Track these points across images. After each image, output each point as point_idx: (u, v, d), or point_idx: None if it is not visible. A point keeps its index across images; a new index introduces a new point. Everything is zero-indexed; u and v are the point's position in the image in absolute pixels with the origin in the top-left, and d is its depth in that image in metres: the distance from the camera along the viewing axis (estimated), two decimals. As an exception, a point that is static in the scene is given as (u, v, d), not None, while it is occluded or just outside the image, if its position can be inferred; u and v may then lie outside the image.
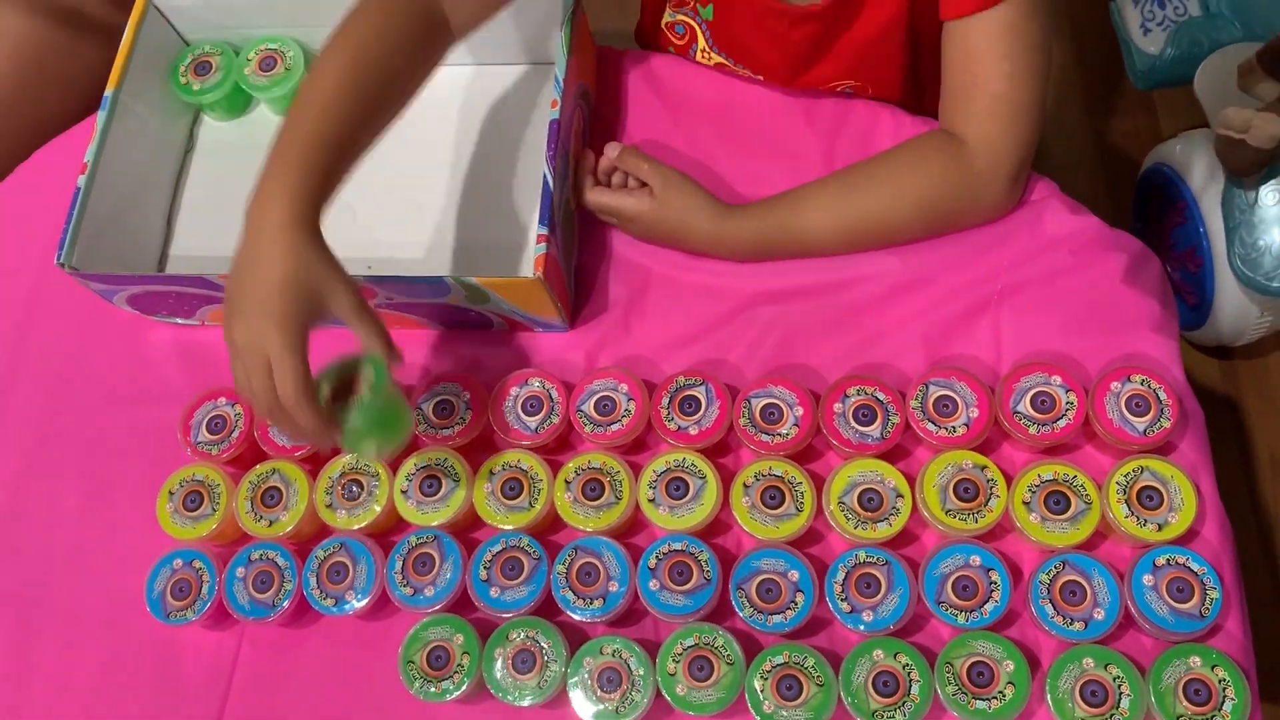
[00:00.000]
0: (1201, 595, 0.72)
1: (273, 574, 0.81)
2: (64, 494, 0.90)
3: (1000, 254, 0.86)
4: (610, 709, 0.74)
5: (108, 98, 0.89)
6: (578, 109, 0.90)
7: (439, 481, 0.81)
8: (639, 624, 0.79)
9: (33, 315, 0.97)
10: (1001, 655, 0.72)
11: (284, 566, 0.81)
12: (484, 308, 0.85)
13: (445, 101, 0.98)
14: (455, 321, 0.89)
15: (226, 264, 0.89)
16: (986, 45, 0.80)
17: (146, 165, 0.95)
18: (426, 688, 0.76)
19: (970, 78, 0.82)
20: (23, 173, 1.03)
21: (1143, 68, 1.42)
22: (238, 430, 0.85)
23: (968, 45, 0.81)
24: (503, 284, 0.80)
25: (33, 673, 0.84)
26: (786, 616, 0.74)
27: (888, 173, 0.86)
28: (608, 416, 0.82)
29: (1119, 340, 0.83)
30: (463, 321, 0.88)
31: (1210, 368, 1.45)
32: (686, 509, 0.78)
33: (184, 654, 0.83)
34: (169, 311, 0.92)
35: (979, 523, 0.75)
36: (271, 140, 0.71)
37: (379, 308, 0.86)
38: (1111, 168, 1.59)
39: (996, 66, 0.80)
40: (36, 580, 0.87)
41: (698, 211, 0.87)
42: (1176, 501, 0.75)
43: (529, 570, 0.78)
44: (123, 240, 0.91)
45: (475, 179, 0.94)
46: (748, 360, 0.86)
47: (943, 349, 0.85)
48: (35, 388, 0.94)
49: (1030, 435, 0.77)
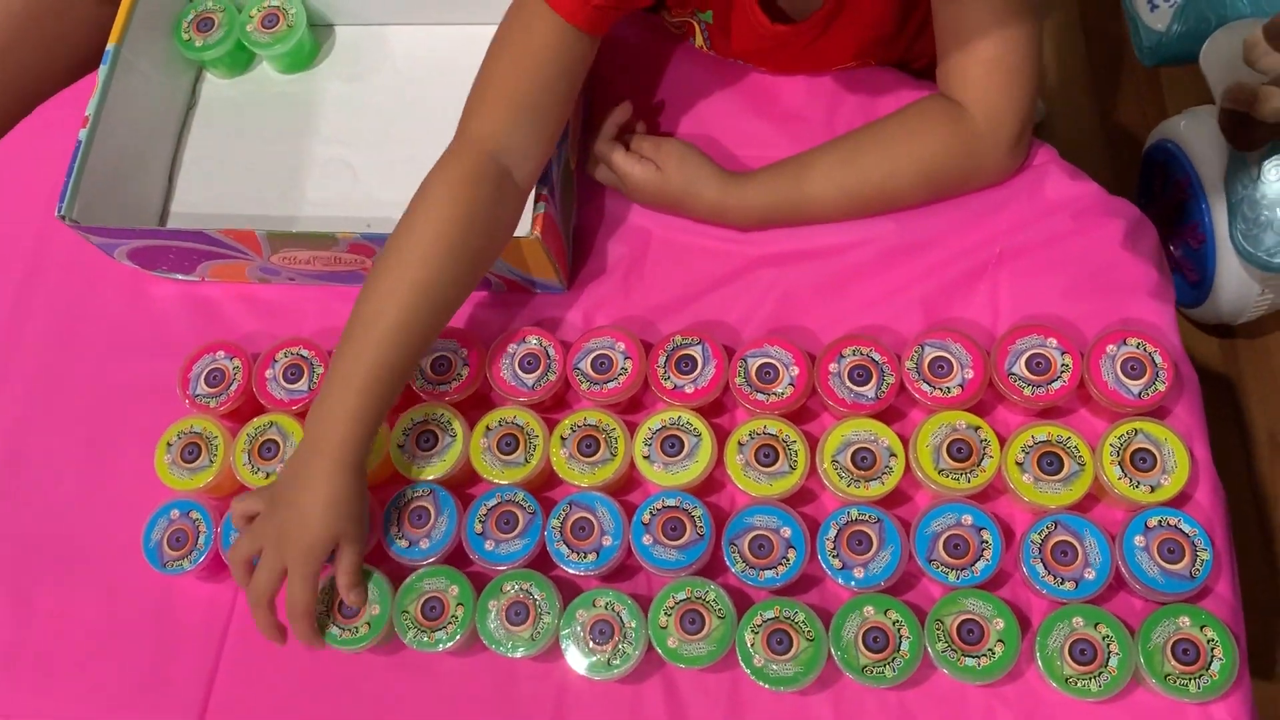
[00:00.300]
0: (1192, 556, 0.73)
1: (269, 525, 0.81)
2: (64, 444, 0.90)
3: (999, 219, 0.86)
4: (602, 660, 0.74)
5: (109, 52, 0.89)
6: None
7: (435, 436, 0.82)
8: (632, 579, 0.80)
9: (35, 269, 0.97)
10: (991, 613, 0.73)
11: (280, 518, 0.81)
12: None
13: (446, 62, 0.97)
14: None
15: (226, 220, 0.90)
16: (976, 9, 0.80)
17: (148, 121, 0.95)
18: (420, 637, 0.76)
19: (963, 44, 0.81)
20: (26, 127, 1.03)
21: (1149, 44, 1.42)
22: (236, 384, 0.86)
23: (959, 11, 0.81)
24: None
25: (30, 618, 0.85)
26: (778, 572, 0.75)
27: (891, 139, 0.86)
28: (604, 374, 0.82)
29: (1116, 305, 0.83)
30: None
31: (1210, 346, 1.45)
32: (681, 466, 0.78)
33: (180, 603, 0.84)
34: (169, 267, 0.92)
35: (972, 483, 0.76)
36: (338, 346, 0.76)
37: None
38: (1116, 145, 1.59)
39: (988, 31, 0.80)
40: (34, 528, 0.88)
41: (702, 181, 0.87)
42: (1170, 464, 0.75)
43: (524, 524, 0.79)
44: (124, 195, 0.91)
45: None
46: (745, 322, 0.87)
47: (941, 312, 0.85)
48: (37, 339, 0.95)
49: (1025, 397, 0.78)
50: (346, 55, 1.00)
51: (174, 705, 0.81)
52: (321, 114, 0.98)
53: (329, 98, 0.99)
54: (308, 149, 0.96)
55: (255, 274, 0.91)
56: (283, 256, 0.86)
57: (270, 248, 0.85)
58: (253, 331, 0.91)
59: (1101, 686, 0.70)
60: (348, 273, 0.88)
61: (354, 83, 0.99)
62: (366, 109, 0.98)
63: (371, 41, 1.00)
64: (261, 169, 0.96)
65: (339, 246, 0.83)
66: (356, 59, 1.00)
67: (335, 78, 0.99)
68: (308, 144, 0.97)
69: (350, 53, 1.00)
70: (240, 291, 0.93)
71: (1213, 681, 0.70)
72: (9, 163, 1.03)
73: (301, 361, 0.86)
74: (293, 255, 0.86)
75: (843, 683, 0.75)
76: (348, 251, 0.84)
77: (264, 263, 0.88)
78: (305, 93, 0.99)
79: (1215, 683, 0.70)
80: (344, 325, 0.76)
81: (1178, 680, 0.70)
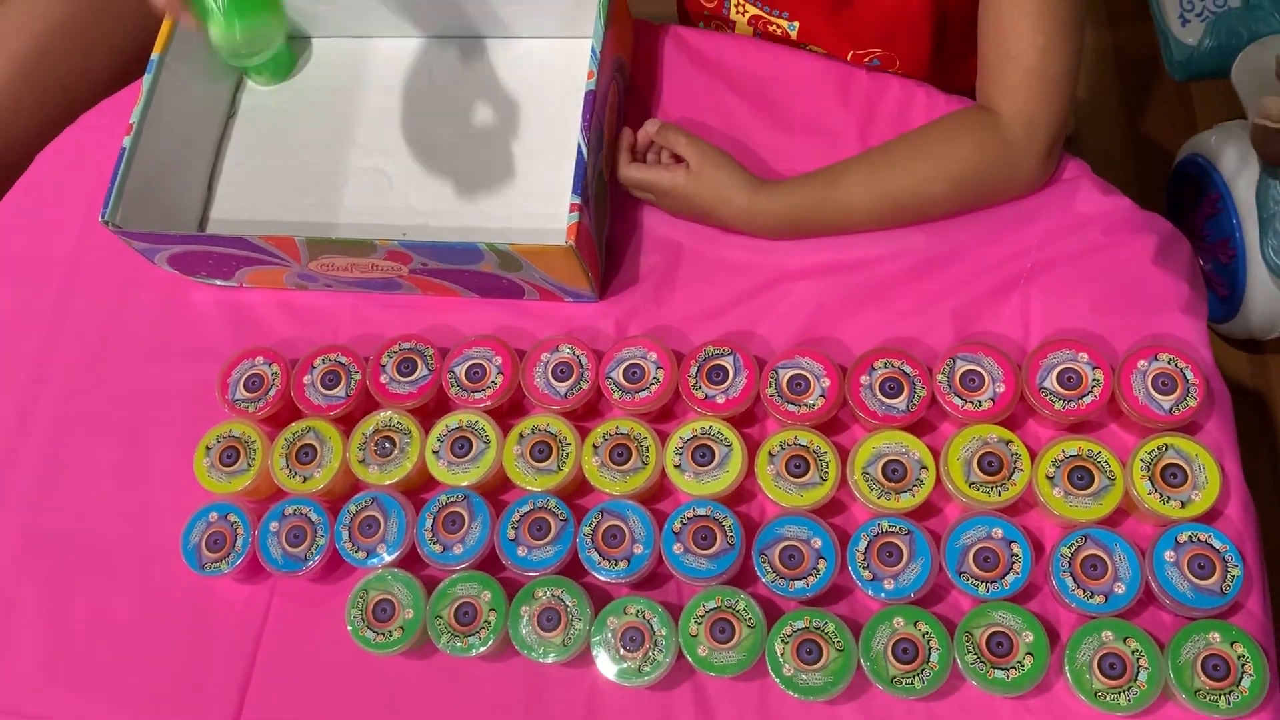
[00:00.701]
0: (1223, 572, 0.73)
1: (305, 529, 0.82)
2: (104, 446, 0.92)
3: (1031, 232, 0.87)
4: (633, 667, 0.75)
5: (154, 61, 0.91)
6: (613, 82, 0.91)
7: (470, 443, 0.83)
8: (662, 587, 0.81)
9: (76, 273, 0.99)
10: (1021, 626, 0.73)
11: (316, 522, 0.82)
12: (516, 275, 0.86)
13: (483, 74, 0.99)
14: (488, 289, 0.90)
15: (265, 227, 0.92)
16: (1020, 19, 0.80)
17: (190, 128, 0.97)
18: (453, 642, 0.77)
19: (1004, 52, 0.82)
20: (69, 133, 1.05)
21: (1180, 58, 1.42)
22: (274, 389, 0.87)
23: (1000, 20, 0.81)
24: (535, 251, 0.81)
25: (68, 620, 0.87)
26: (808, 583, 0.75)
27: (923, 148, 0.86)
28: (636, 384, 0.83)
29: (1147, 320, 0.83)
30: (495, 289, 0.90)
31: (1240, 361, 1.44)
32: (711, 475, 0.79)
33: (216, 605, 0.85)
34: (208, 273, 0.94)
35: (1002, 496, 0.76)
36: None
37: (413, 274, 0.87)
38: (1146, 159, 1.58)
39: (1030, 40, 0.81)
40: (74, 531, 0.89)
41: (733, 187, 0.87)
42: (1200, 480, 0.75)
43: (556, 531, 0.79)
44: (165, 202, 0.93)
45: (511, 149, 0.96)
46: (776, 333, 0.87)
47: (972, 325, 0.85)
48: (76, 343, 0.96)
49: (1056, 411, 0.78)
50: (384, 68, 1.01)
51: (210, 706, 0.82)
52: (359, 124, 0.99)
53: (367, 108, 1.00)
54: (345, 158, 0.98)
55: (293, 280, 0.92)
56: (320, 263, 0.88)
57: (309, 254, 0.86)
58: (289, 337, 0.93)
59: (1131, 701, 0.70)
60: (383, 280, 0.90)
61: (391, 95, 1.00)
62: (403, 120, 0.99)
63: (409, 55, 1.01)
64: (299, 177, 0.98)
65: (377, 254, 0.84)
66: (394, 72, 1.01)
67: (374, 89, 1.01)
68: (345, 153, 0.98)
69: (388, 66, 1.01)
70: (278, 298, 0.95)
71: (1243, 698, 0.70)
72: (52, 168, 1.05)
73: (339, 368, 0.87)
74: (330, 262, 0.87)
75: (871, 693, 0.75)
76: (385, 259, 0.85)
77: (302, 269, 0.89)
78: (343, 103, 1.00)
79: (1245, 699, 0.70)
80: (377, 332, 0.76)
81: (1208, 696, 0.70)
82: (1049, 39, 0.80)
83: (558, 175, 0.92)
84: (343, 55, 1.03)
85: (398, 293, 0.92)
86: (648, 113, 0.96)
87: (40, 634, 0.87)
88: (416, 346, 0.87)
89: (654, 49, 0.99)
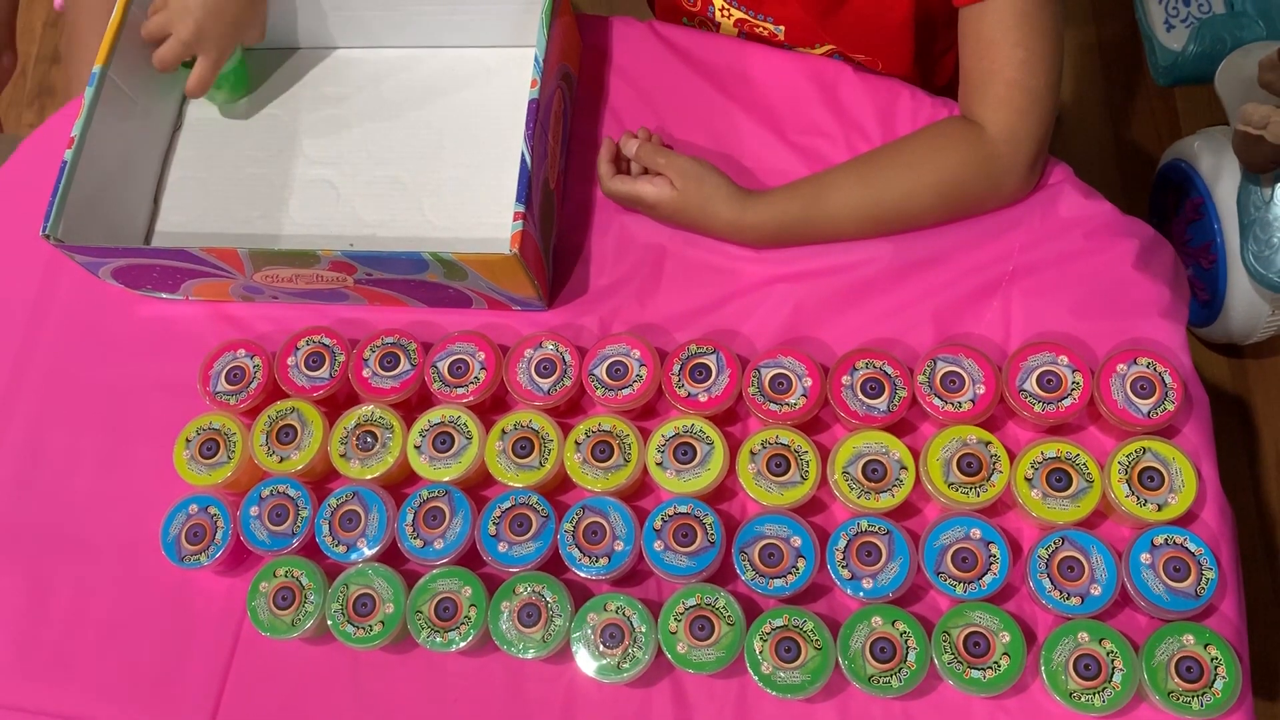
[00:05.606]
0: (1198, 575, 0.73)
1: (287, 506, 0.82)
2: (83, 439, 0.91)
3: (1013, 236, 0.87)
4: (612, 664, 0.75)
5: (95, 74, 0.89)
6: (558, 90, 0.91)
7: (452, 438, 0.83)
8: (642, 584, 0.81)
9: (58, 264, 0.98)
10: (998, 626, 0.73)
11: (295, 497, 0.83)
12: (462, 285, 0.86)
13: (429, 83, 0.99)
14: (435, 300, 0.90)
15: (211, 240, 0.91)
16: (1000, 32, 0.81)
17: (134, 142, 0.95)
18: (433, 637, 0.77)
19: (986, 65, 0.82)
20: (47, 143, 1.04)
21: (1164, 64, 1.42)
22: (256, 382, 0.87)
23: (981, 32, 0.82)
24: (478, 259, 0.80)
25: (47, 611, 0.86)
26: (787, 581, 0.76)
27: (909, 159, 0.86)
28: (619, 381, 0.83)
29: (1128, 324, 0.84)
30: (443, 299, 0.89)
31: (1220, 366, 1.45)
32: (693, 473, 0.79)
33: (196, 597, 0.85)
34: (153, 285, 0.92)
35: (981, 497, 0.77)
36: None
37: (358, 284, 0.87)
38: (1129, 164, 1.59)
39: (1011, 53, 0.81)
40: (53, 522, 0.89)
41: (719, 200, 0.87)
42: (1177, 483, 0.76)
43: (537, 527, 0.80)
44: (110, 215, 0.92)
45: (458, 159, 0.96)
46: (759, 333, 0.88)
47: (953, 327, 0.86)
48: (56, 335, 0.96)
49: (1035, 413, 0.79)
50: (332, 78, 1.01)
51: (188, 698, 0.82)
52: (306, 135, 0.99)
53: (314, 119, 0.99)
54: (292, 169, 0.97)
55: (238, 292, 0.92)
56: (265, 275, 0.87)
57: (252, 266, 0.85)
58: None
59: (1105, 702, 0.71)
60: (329, 290, 0.89)
61: (339, 105, 1.00)
62: (351, 131, 0.98)
63: (356, 65, 1.01)
64: (246, 189, 0.97)
65: (321, 264, 0.84)
66: (341, 82, 1.01)
67: (321, 100, 1.00)
68: (292, 164, 0.97)
69: (335, 76, 1.01)
70: (222, 311, 0.94)
71: (1215, 700, 0.71)
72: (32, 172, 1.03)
73: (323, 349, 0.87)
74: (274, 274, 0.87)
75: (849, 692, 0.76)
76: (329, 269, 0.84)
77: (247, 281, 0.88)
78: (290, 114, 1.00)
79: (1218, 701, 0.71)
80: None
81: (1181, 697, 0.71)
82: (1029, 52, 0.81)
83: (505, 184, 0.91)
84: (290, 66, 1.02)
85: (344, 303, 0.92)
86: (629, 111, 0.96)
87: (19, 625, 0.86)
88: (400, 341, 0.87)
89: (635, 58, 0.99)
